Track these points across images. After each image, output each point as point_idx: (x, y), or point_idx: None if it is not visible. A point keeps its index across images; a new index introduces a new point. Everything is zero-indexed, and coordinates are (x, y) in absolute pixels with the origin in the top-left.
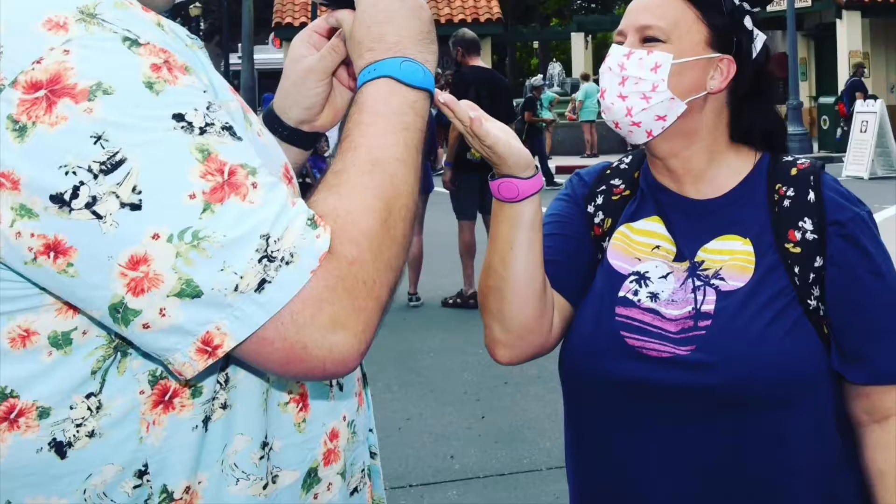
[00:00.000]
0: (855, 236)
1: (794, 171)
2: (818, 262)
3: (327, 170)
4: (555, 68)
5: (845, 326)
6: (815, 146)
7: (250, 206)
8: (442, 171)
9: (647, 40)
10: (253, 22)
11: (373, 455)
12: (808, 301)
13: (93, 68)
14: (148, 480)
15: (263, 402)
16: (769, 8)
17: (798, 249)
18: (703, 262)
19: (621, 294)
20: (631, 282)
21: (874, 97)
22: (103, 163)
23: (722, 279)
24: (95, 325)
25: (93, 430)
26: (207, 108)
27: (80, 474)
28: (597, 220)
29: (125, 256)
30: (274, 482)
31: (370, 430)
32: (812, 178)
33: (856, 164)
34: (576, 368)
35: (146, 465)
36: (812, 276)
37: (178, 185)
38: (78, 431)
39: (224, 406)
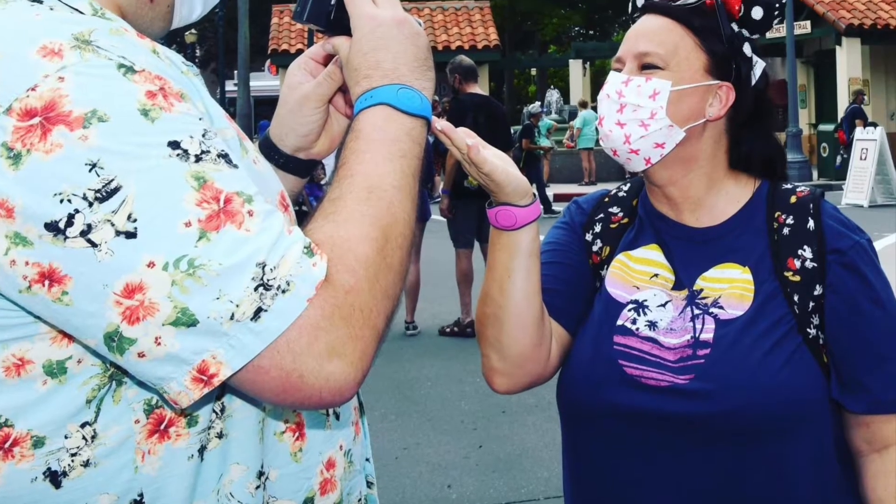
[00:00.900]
0: (855, 264)
1: (793, 199)
2: (818, 290)
3: (324, 197)
4: (553, 95)
5: (845, 355)
6: (815, 174)
7: (246, 234)
8: (439, 199)
9: (646, 67)
10: (249, 49)
11: (370, 484)
12: (808, 330)
13: (88, 95)
14: None
15: (259, 431)
16: (768, 35)
17: (797, 278)
18: (701, 290)
19: (619, 323)
20: (629, 310)
21: (874, 124)
22: (98, 190)
23: (721, 307)
24: (90, 354)
25: (88, 460)
26: (203, 136)
27: None
28: (595, 248)
29: (120, 285)
30: None
31: (367, 460)
32: (811, 205)
33: (855, 191)
34: (574, 397)
35: (141, 495)
36: (811, 304)
37: (173, 213)
38: (73, 461)
39: (220, 435)
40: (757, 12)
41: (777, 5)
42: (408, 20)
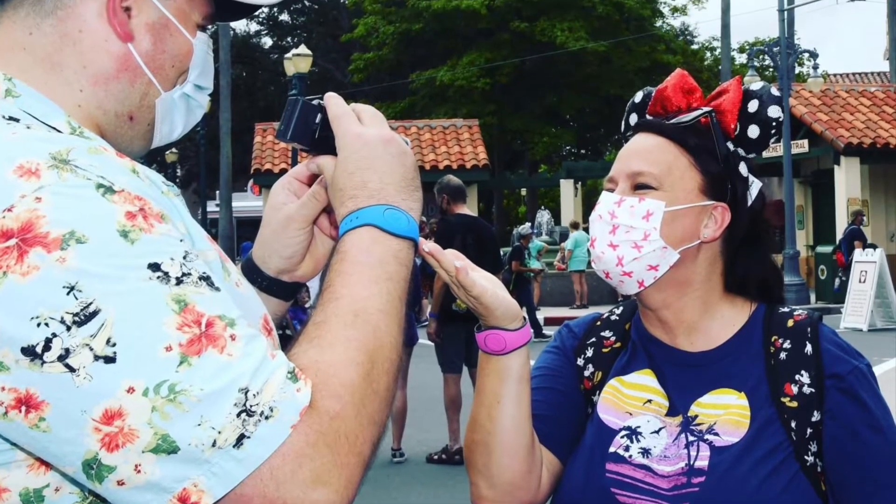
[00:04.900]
0: (854, 390)
1: (790, 323)
2: (815, 416)
3: (308, 321)
4: (543, 216)
5: (844, 482)
6: (813, 297)
7: (228, 359)
8: (427, 323)
9: (639, 187)
10: (231, 168)
11: None
12: (806, 457)
13: (65, 216)
14: None
15: None
16: (765, 153)
17: (795, 404)
18: (696, 416)
19: (612, 450)
20: (622, 437)
21: (873, 246)
22: (76, 314)
23: (716, 434)
24: (68, 482)
25: None
26: (184, 258)
27: None
28: (587, 373)
29: (99, 411)
30: None
31: None
32: (809, 329)
33: (854, 315)
34: None
35: None
36: (809, 430)
37: (153, 337)
38: None
39: None
40: (753, 131)
41: (774, 124)
42: (395, 139)
